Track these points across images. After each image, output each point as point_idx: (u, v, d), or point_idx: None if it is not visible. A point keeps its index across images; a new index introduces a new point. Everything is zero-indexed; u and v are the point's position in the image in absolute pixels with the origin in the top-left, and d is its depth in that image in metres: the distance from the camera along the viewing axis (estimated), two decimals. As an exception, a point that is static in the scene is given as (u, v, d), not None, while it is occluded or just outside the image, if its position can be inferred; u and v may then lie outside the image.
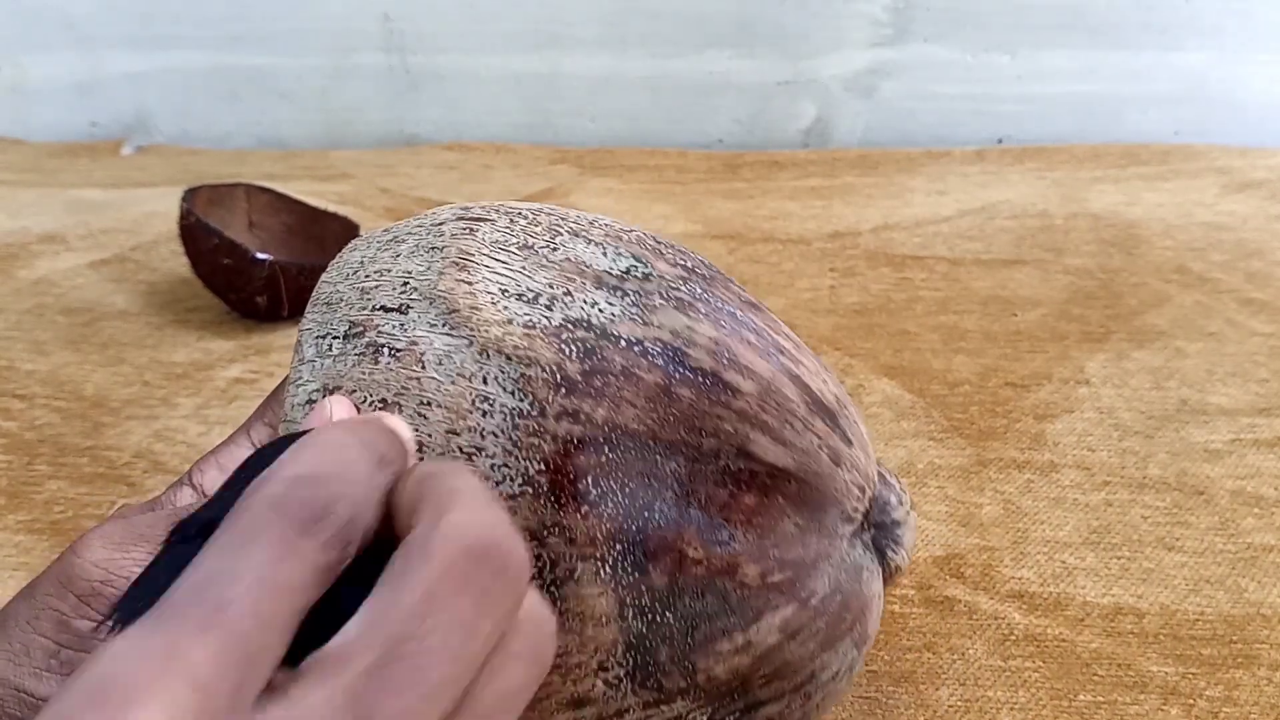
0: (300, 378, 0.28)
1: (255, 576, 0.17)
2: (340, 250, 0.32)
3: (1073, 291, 0.72)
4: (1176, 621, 0.43)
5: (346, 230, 0.73)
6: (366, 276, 0.29)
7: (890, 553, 0.32)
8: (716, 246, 0.81)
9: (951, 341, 0.65)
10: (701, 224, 0.86)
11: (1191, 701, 0.39)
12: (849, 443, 0.30)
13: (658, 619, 0.26)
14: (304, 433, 0.22)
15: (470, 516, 0.19)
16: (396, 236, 0.31)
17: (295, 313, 0.67)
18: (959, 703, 0.39)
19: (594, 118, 1.08)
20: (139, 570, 0.23)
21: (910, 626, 0.43)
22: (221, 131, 1.11)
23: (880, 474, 0.33)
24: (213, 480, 0.28)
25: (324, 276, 0.31)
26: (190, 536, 0.21)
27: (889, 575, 0.32)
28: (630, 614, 0.26)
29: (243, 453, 0.29)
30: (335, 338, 0.28)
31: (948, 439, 0.56)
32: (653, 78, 1.05)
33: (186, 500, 0.28)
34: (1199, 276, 0.73)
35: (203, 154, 1.07)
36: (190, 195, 0.68)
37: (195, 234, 0.66)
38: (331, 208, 0.77)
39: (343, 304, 0.29)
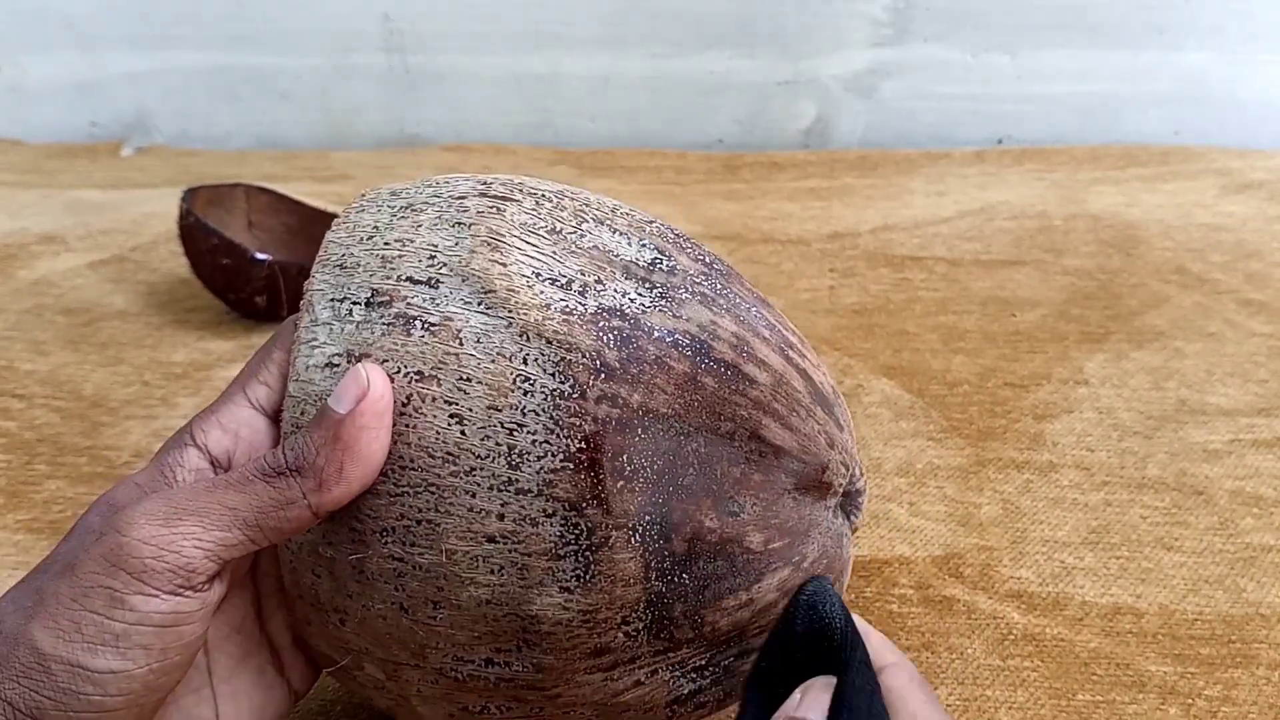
0: (315, 339, 0.29)
1: None
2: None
3: (1072, 292, 0.72)
4: (1175, 621, 0.43)
5: (346, 230, 0.73)
6: (386, 244, 0.30)
7: (853, 516, 0.35)
8: (716, 247, 0.81)
9: (951, 342, 0.65)
10: (701, 224, 0.86)
11: (1190, 701, 0.39)
12: (840, 428, 0.33)
13: (675, 580, 0.29)
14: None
15: None
16: (411, 204, 0.31)
17: (294, 313, 0.67)
18: (958, 702, 0.39)
19: (594, 118, 1.08)
20: (187, 544, 0.25)
21: (909, 626, 0.43)
22: (221, 131, 1.11)
23: None
24: (216, 440, 0.29)
25: (331, 236, 0.31)
26: None
27: (851, 532, 0.36)
28: (653, 576, 0.29)
29: (243, 412, 0.30)
30: (355, 303, 0.29)
31: (947, 439, 0.56)
32: (653, 78, 1.05)
33: (194, 463, 0.29)
34: (1198, 277, 0.73)
35: (202, 154, 1.07)
36: (190, 195, 0.68)
37: (195, 234, 0.66)
38: (331, 208, 0.77)
39: (360, 269, 0.30)
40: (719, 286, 0.32)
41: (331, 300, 0.30)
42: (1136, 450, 0.54)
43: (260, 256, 0.65)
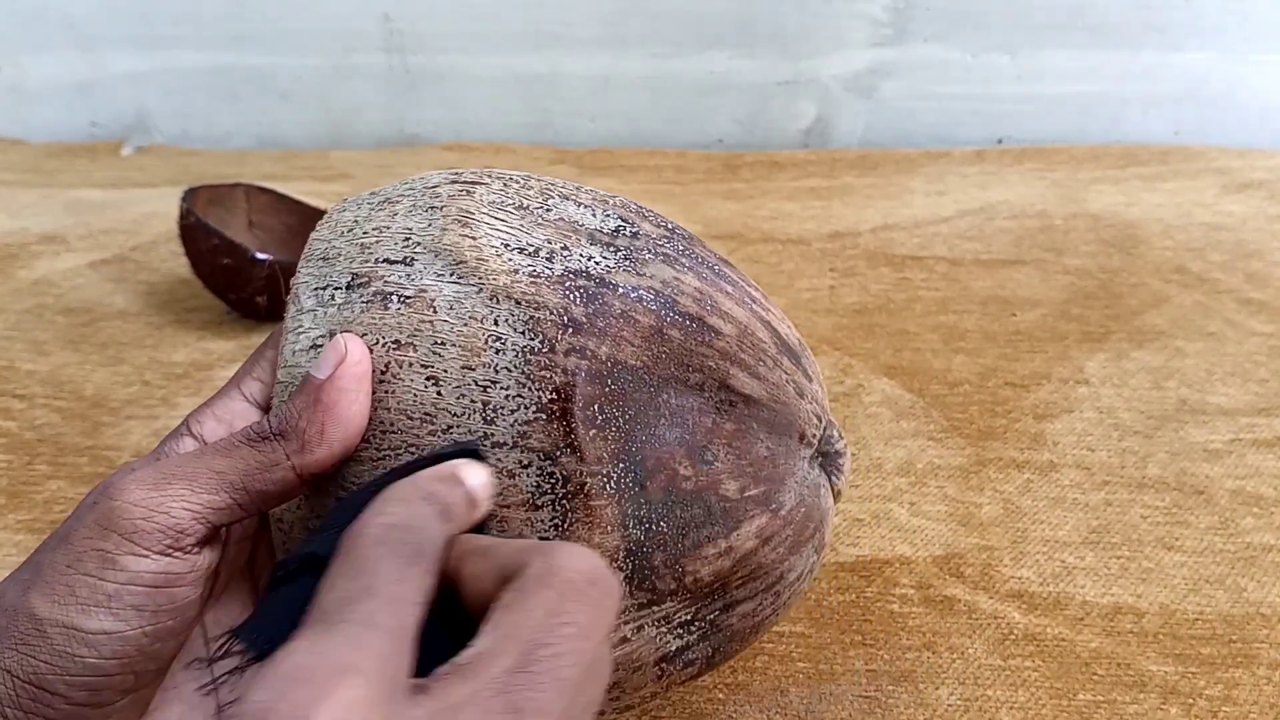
0: (300, 326, 0.30)
1: (387, 594, 0.22)
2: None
3: (1072, 292, 0.72)
4: (1176, 621, 0.43)
5: (346, 230, 0.73)
6: (365, 234, 0.32)
7: (835, 478, 0.35)
8: (716, 247, 0.80)
9: (951, 341, 0.65)
10: (701, 224, 0.86)
11: (1191, 701, 0.39)
12: (809, 379, 0.34)
13: (654, 528, 0.30)
14: (384, 483, 0.26)
15: (580, 553, 0.23)
16: (388, 198, 0.33)
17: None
18: (959, 702, 0.39)
19: (594, 118, 1.08)
20: (176, 505, 0.26)
21: (910, 626, 0.43)
22: (221, 132, 1.11)
23: None
24: (212, 430, 0.30)
25: (314, 234, 0.33)
26: (293, 572, 0.26)
27: (835, 497, 0.36)
28: (631, 523, 0.29)
29: (237, 405, 0.31)
30: (337, 289, 0.31)
31: (947, 439, 0.56)
32: (653, 78, 1.05)
33: (188, 449, 0.30)
34: (1198, 277, 0.73)
35: (202, 154, 1.07)
36: (190, 195, 0.68)
37: (195, 234, 0.66)
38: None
39: (341, 258, 0.31)
40: (681, 247, 0.33)
41: (315, 290, 0.31)
42: (1137, 450, 0.54)
43: (261, 256, 0.65)
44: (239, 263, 0.65)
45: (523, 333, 0.29)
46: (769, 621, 0.34)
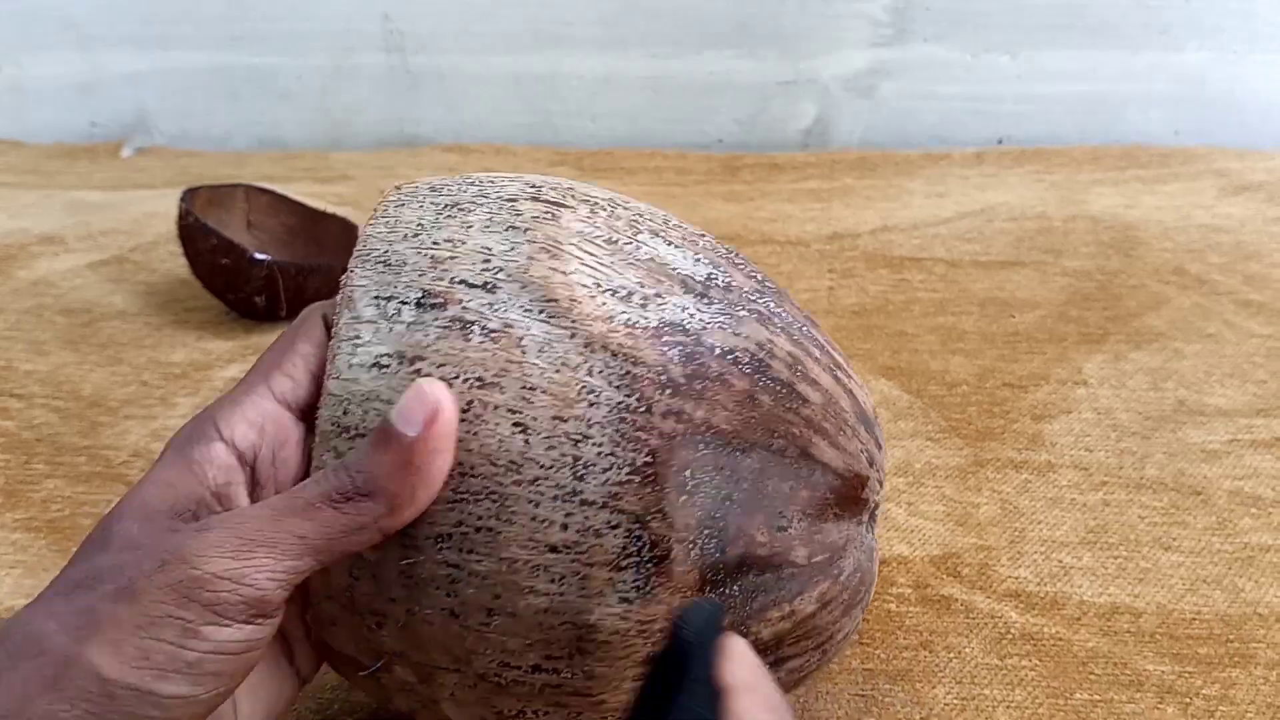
0: (358, 337, 0.28)
1: None
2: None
3: (1071, 293, 0.72)
4: (1173, 621, 0.43)
5: (346, 231, 0.73)
6: (435, 244, 0.29)
7: (873, 529, 0.36)
8: (715, 247, 0.81)
9: (949, 342, 0.65)
10: (701, 225, 0.85)
11: (1188, 700, 0.39)
12: (879, 447, 0.34)
13: (727, 591, 0.30)
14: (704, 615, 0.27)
15: None
16: (458, 203, 0.31)
17: (293, 313, 0.66)
18: (955, 701, 0.39)
19: (594, 118, 1.08)
20: (261, 576, 0.25)
21: (907, 625, 0.43)
22: (221, 132, 1.11)
23: None
24: (243, 434, 0.28)
25: (369, 230, 0.30)
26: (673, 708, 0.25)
27: None
28: (708, 588, 0.29)
29: (267, 405, 0.29)
30: (404, 303, 0.28)
31: (945, 439, 0.56)
32: (653, 78, 1.05)
33: (222, 459, 0.28)
34: (1197, 278, 0.73)
35: (202, 155, 1.07)
36: (189, 196, 0.68)
37: (194, 234, 0.66)
38: (331, 209, 0.77)
39: (407, 268, 0.29)
40: (773, 305, 0.32)
41: (376, 298, 0.29)
42: (1135, 450, 0.54)
43: (259, 257, 0.65)
44: (238, 263, 0.65)
45: (618, 388, 0.28)
46: (811, 676, 0.34)
